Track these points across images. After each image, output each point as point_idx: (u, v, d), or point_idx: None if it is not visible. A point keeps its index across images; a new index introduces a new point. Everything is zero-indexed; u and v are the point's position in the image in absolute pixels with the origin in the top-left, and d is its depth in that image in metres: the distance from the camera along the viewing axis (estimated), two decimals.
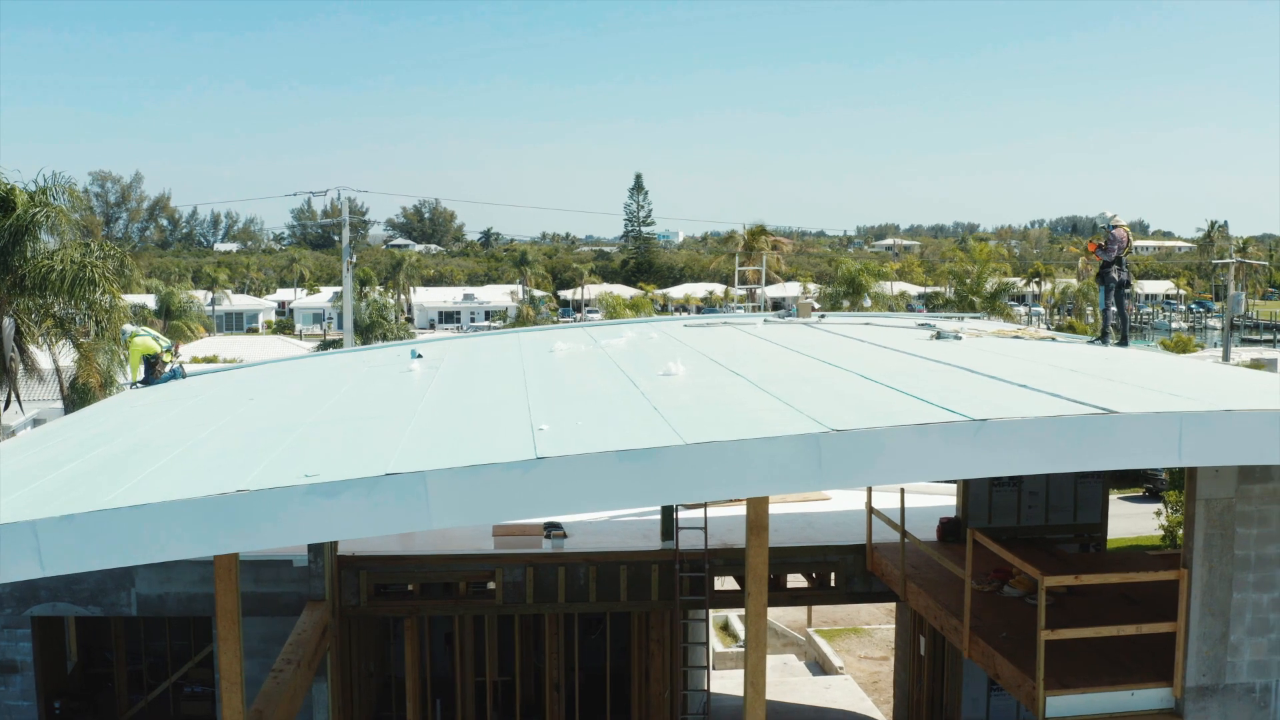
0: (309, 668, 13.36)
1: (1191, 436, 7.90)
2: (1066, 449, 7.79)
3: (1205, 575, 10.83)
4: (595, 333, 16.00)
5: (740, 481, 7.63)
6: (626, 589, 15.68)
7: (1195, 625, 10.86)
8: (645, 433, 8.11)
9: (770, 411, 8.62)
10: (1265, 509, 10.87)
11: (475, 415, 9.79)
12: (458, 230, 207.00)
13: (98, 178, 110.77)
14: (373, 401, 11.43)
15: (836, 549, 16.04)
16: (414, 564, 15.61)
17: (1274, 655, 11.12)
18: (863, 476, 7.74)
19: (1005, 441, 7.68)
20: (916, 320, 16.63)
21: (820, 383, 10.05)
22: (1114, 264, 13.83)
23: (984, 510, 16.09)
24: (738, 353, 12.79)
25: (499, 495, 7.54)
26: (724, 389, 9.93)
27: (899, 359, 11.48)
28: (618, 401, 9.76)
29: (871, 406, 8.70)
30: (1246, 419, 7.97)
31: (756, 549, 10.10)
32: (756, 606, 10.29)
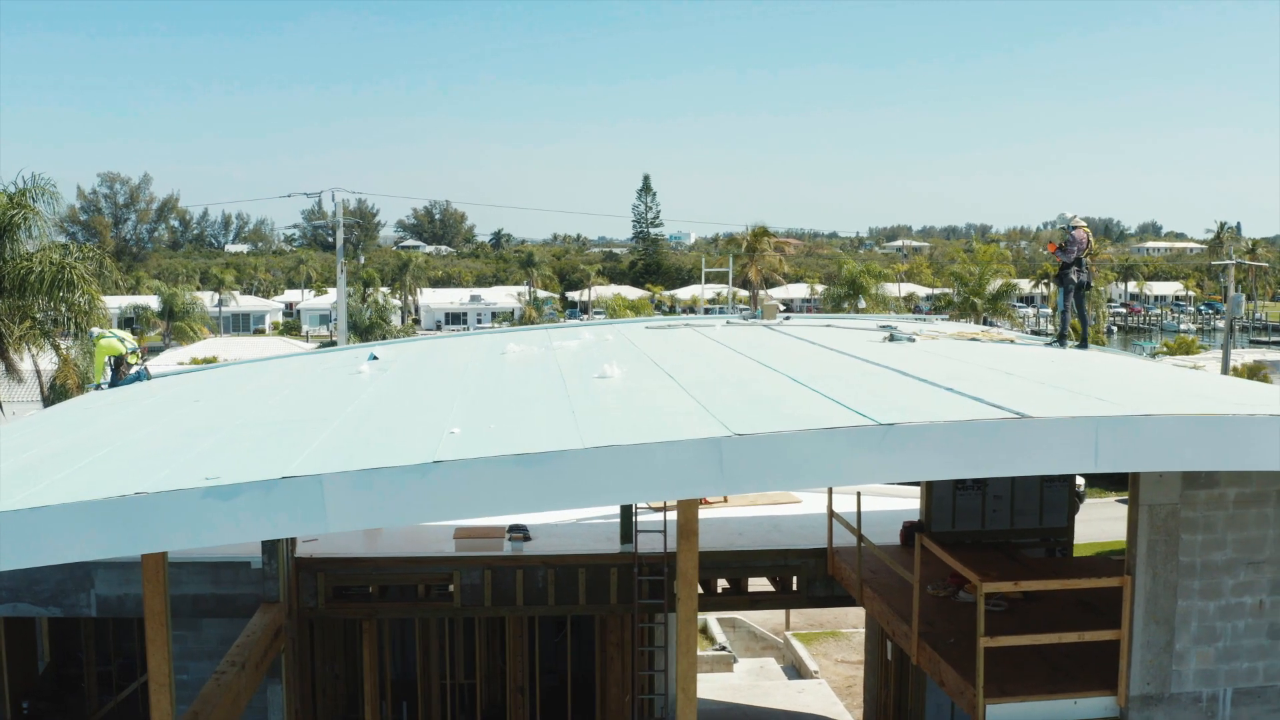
0: (257, 670, 13.30)
1: (1108, 441, 7.72)
2: (977, 454, 7.64)
3: (1149, 582, 10.63)
4: (555, 334, 15.90)
5: (641, 485, 7.51)
6: (585, 592, 15.57)
7: (1139, 633, 10.67)
8: (551, 436, 8.01)
9: (686, 415, 8.49)
10: (1210, 515, 10.67)
11: (398, 418, 9.70)
12: (468, 231, 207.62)
13: (106, 179, 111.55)
14: (307, 404, 11.36)
15: (798, 553, 15.88)
16: (372, 566, 15.55)
17: (1222, 664, 10.91)
18: (766, 481, 7.58)
19: (912, 446, 7.53)
20: (878, 323, 16.45)
21: (748, 386, 9.91)
22: (1073, 265, 13.61)
23: (948, 514, 15.89)
24: (682, 355, 12.67)
25: (396, 499, 7.45)
26: (651, 392, 9.80)
27: (838, 362, 11.33)
28: (541, 404, 9.66)
29: (789, 410, 8.56)
30: (1165, 423, 7.79)
31: (686, 553, 9.97)
32: (686, 612, 10.16)
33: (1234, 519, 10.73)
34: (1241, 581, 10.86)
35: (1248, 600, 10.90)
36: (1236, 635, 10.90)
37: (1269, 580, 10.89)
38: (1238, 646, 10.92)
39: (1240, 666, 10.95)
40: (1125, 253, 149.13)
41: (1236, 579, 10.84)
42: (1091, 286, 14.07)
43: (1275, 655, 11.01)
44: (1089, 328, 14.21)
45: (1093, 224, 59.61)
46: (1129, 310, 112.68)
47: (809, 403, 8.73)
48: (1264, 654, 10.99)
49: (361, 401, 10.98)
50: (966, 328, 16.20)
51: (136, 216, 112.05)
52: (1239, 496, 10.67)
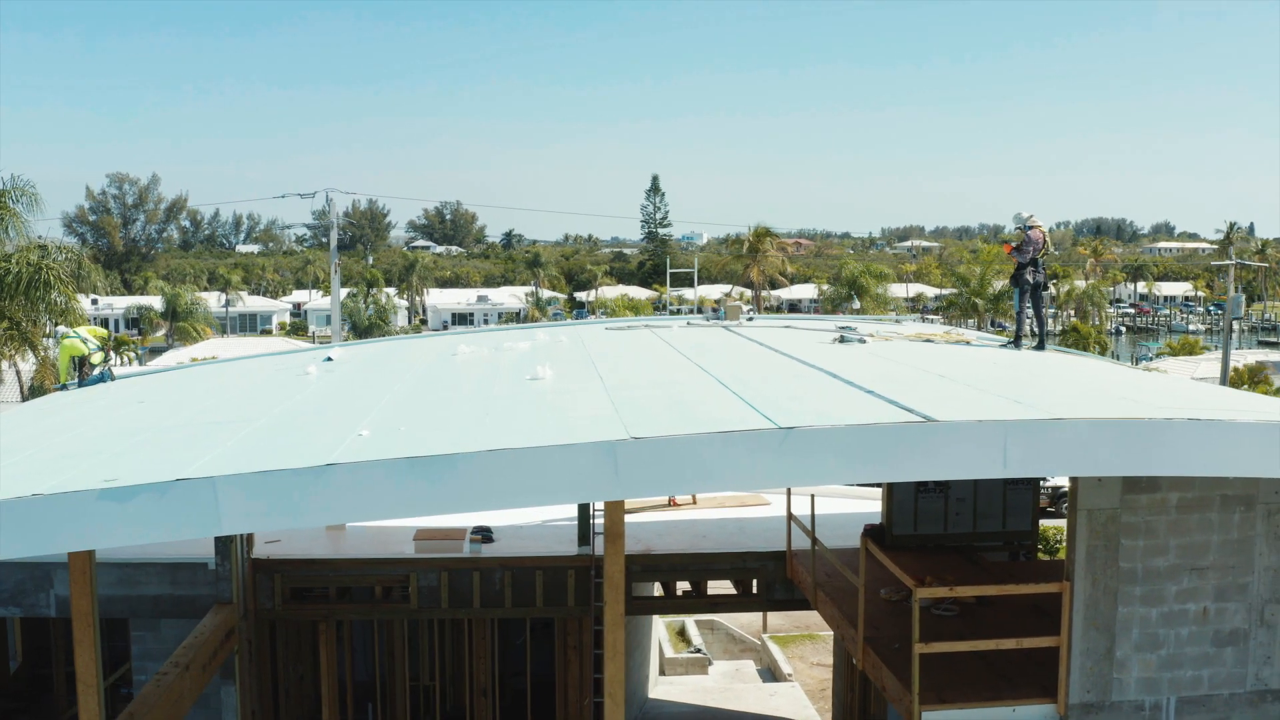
0: (204, 671, 13.27)
1: (1017, 446, 7.56)
2: (882, 458, 7.49)
3: (1088, 588, 10.43)
4: (513, 335, 15.81)
5: (535, 488, 7.40)
6: (542, 594, 15.47)
7: (1078, 640, 10.47)
8: (454, 438, 7.91)
9: (595, 418, 8.38)
10: (1152, 520, 10.46)
11: (320, 419, 9.63)
12: (479, 232, 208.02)
13: (115, 179, 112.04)
14: (241, 405, 11.31)
15: (757, 555, 15.73)
16: (328, 567, 15.50)
17: (1165, 672, 10.70)
18: (664, 485, 7.47)
19: (813, 450, 7.39)
20: (838, 323, 16.28)
21: (672, 388, 9.79)
22: (1029, 265, 13.41)
23: (909, 517, 15.70)
24: (624, 358, 12.55)
25: (289, 501, 7.38)
26: (574, 394, 9.69)
27: (776, 364, 11.18)
28: (462, 406, 9.57)
29: (703, 412, 8.43)
30: (1076, 427, 7.62)
31: (613, 556, 9.85)
32: (614, 615, 10.04)
33: (1177, 524, 10.52)
34: (1185, 588, 10.64)
35: (1191, 607, 10.69)
36: (1180, 643, 10.69)
37: (1213, 587, 10.68)
38: (1181, 654, 10.71)
39: (1184, 675, 10.74)
40: (1136, 253, 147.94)
41: (1180, 585, 10.63)
42: (1048, 287, 13.86)
43: (1221, 663, 10.80)
44: (1045, 328, 13.99)
45: (1105, 224, 59.43)
46: (1138, 311, 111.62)
47: (725, 405, 8.60)
48: (1209, 662, 10.77)
49: (293, 403, 10.92)
50: (928, 329, 16.01)
51: (145, 217, 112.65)
52: (1181, 501, 10.46)
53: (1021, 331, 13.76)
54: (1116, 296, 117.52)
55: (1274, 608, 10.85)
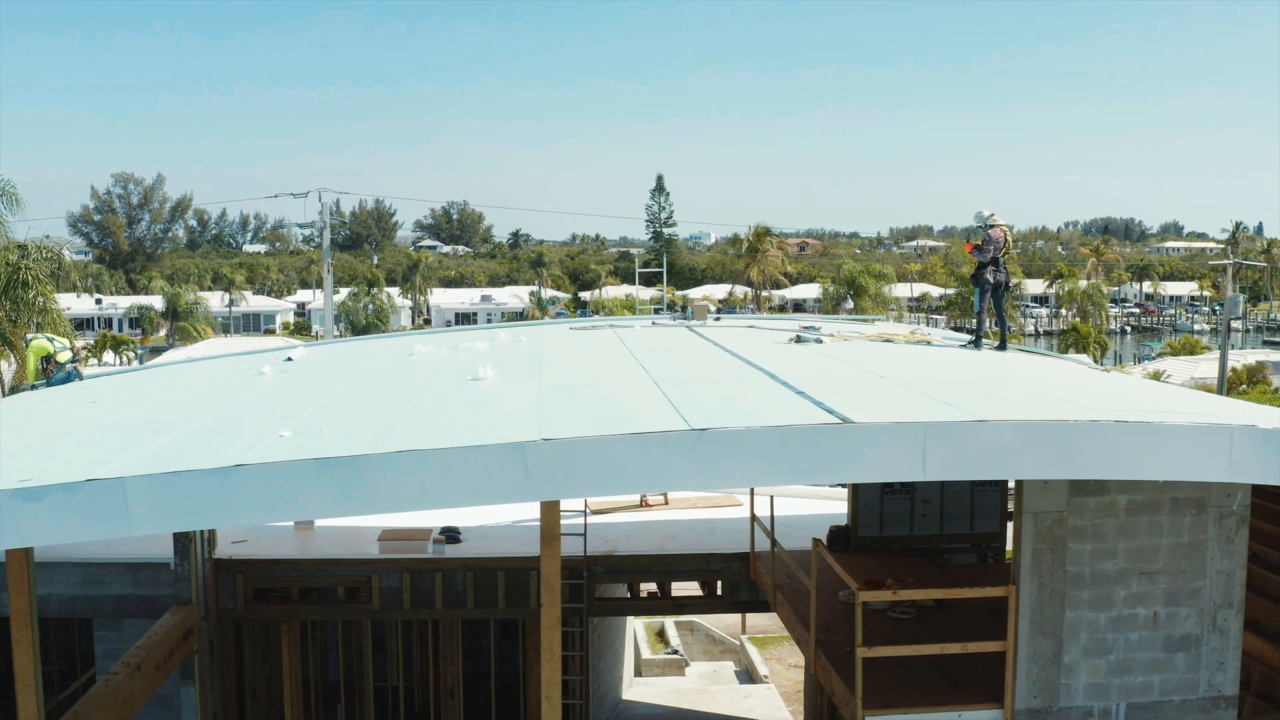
0: (157, 671, 13.22)
1: (937, 448, 7.42)
2: (797, 461, 7.36)
3: (1034, 592, 10.28)
4: (473, 335, 15.72)
5: (444, 491, 7.31)
6: (504, 595, 15.39)
7: (1024, 644, 10.32)
8: (371, 440, 7.83)
9: (518, 419, 8.30)
10: (1100, 523, 10.30)
11: (251, 419, 9.56)
12: (486, 232, 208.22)
13: (120, 179, 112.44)
14: (184, 405, 11.25)
15: (721, 557, 15.61)
16: (290, 568, 15.46)
17: (1114, 678, 10.54)
18: (575, 487, 7.36)
19: (727, 453, 7.28)
20: (801, 323, 16.14)
21: (607, 388, 9.68)
22: (990, 265, 13.25)
23: (874, 518, 15.57)
24: (574, 358, 12.46)
25: (198, 501, 7.31)
26: (504, 395, 9.60)
27: (721, 365, 11.06)
28: (394, 407, 9.49)
29: (626, 414, 8.33)
30: (998, 430, 7.47)
31: (548, 558, 9.74)
32: (550, 618, 9.93)
33: (1125, 527, 10.35)
34: (1134, 592, 10.48)
35: (1141, 612, 10.52)
36: (1130, 648, 10.52)
37: (1164, 591, 10.51)
38: (1131, 659, 10.54)
39: (1134, 680, 10.57)
40: (1143, 253, 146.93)
41: (1129, 589, 10.46)
42: (1010, 287, 13.69)
43: (1172, 669, 10.63)
44: (1007, 328, 13.83)
45: (1113, 224, 59.12)
46: (1143, 310, 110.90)
47: (650, 406, 8.49)
48: (1159, 667, 10.60)
49: (235, 403, 10.85)
50: (892, 329, 15.85)
51: (150, 216, 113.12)
52: (1130, 504, 10.30)
53: (981, 332, 13.61)
54: (1122, 296, 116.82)
55: (1227, 613, 10.68)
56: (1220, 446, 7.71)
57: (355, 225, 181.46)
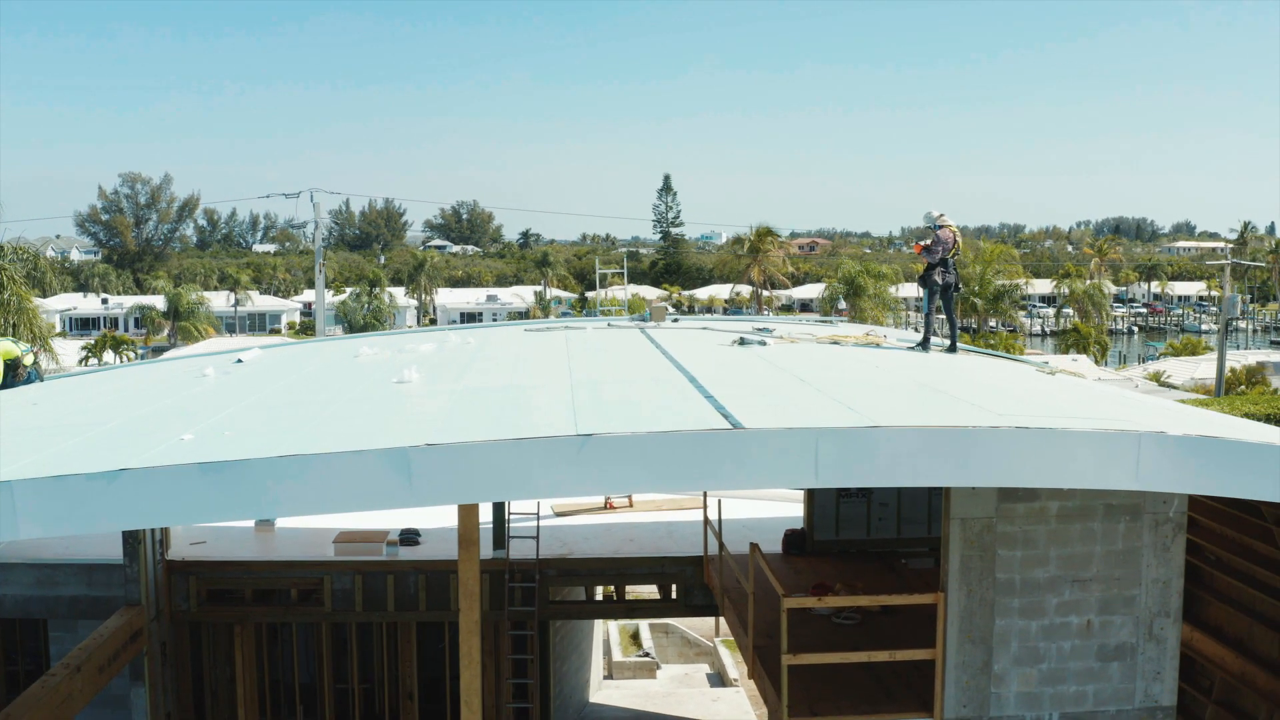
0: (100, 673, 13.20)
1: (829, 454, 7.27)
2: (687, 467, 7.23)
3: (963, 600, 10.12)
4: (421, 337, 15.63)
5: (327, 496, 7.22)
6: (456, 598, 15.28)
7: (953, 653, 10.16)
8: (265, 443, 7.75)
9: (419, 421, 8.19)
10: (1030, 530, 10.13)
11: (164, 422, 9.49)
12: (495, 231, 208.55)
13: (128, 179, 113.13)
14: (113, 408, 11.21)
15: (675, 560, 15.48)
16: (243, 569, 15.42)
17: (1046, 687, 10.36)
18: (460, 493, 7.27)
19: (611, 458, 7.16)
20: (755, 324, 15.98)
21: (523, 392, 9.57)
22: (939, 265, 13.07)
23: (830, 522, 15.41)
24: (510, 360, 12.35)
25: (84, 505, 7.24)
26: (422, 398, 9.50)
27: (649, 367, 10.92)
28: (306, 410, 9.41)
29: (528, 419, 8.22)
30: (892, 435, 7.32)
31: (466, 563, 9.66)
32: (468, 623, 9.83)
33: (1057, 534, 10.17)
34: (1067, 600, 10.30)
35: (1074, 620, 10.34)
36: (1063, 657, 10.34)
37: (1098, 599, 10.32)
38: (1064, 669, 10.36)
39: (1068, 690, 10.39)
40: (1154, 253, 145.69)
41: (1061, 597, 10.28)
42: (960, 288, 13.50)
43: (1107, 679, 10.44)
44: (957, 329, 13.63)
45: (1125, 223, 58.80)
46: (1150, 310, 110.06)
47: (552, 410, 8.39)
48: (1094, 677, 10.42)
49: (161, 405, 10.80)
50: (848, 330, 15.66)
51: (158, 216, 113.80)
52: (1062, 510, 10.12)
53: (929, 334, 13.43)
54: (1130, 296, 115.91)
55: (1164, 622, 10.49)
56: (1126, 454, 7.53)
57: (365, 225, 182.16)
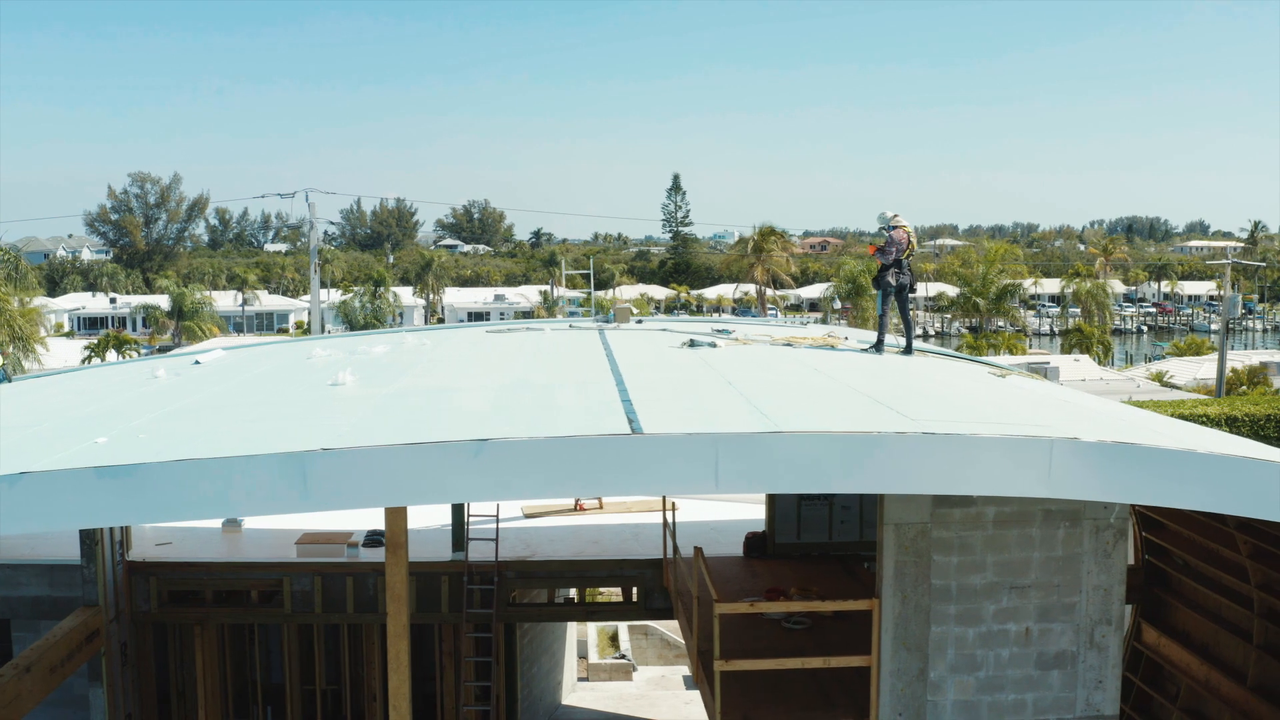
0: (52, 673, 13.21)
1: (729, 460, 7.17)
2: (584, 472, 7.15)
3: (898, 606, 9.99)
4: (378, 339, 15.58)
5: (224, 500, 7.17)
6: (415, 600, 15.24)
7: (888, 660, 10.03)
8: (171, 446, 7.71)
9: (328, 425, 8.14)
10: (967, 535, 9.99)
11: (89, 425, 9.47)
12: (507, 231, 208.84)
13: (137, 179, 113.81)
14: (52, 410, 11.21)
15: (635, 563, 15.39)
16: (203, 570, 15.43)
17: (984, 695, 10.21)
18: (356, 498, 7.19)
19: (509, 464, 7.08)
20: (714, 326, 15.86)
21: (450, 395, 9.51)
22: (893, 267, 12.93)
23: (792, 525, 15.29)
24: (453, 362, 12.30)
25: None
26: (349, 401, 9.43)
27: (585, 370, 10.83)
28: (231, 413, 9.38)
29: (444, 423, 8.16)
30: (795, 441, 7.20)
31: (394, 566, 9.60)
32: (396, 627, 9.77)
33: (993, 540, 10.03)
34: (1005, 607, 10.15)
35: (1013, 627, 10.19)
36: (1001, 664, 10.20)
37: (1036, 606, 10.17)
38: (1002, 677, 10.21)
39: (1006, 698, 10.24)
40: (1166, 252, 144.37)
41: (999, 604, 10.14)
42: (915, 289, 13.35)
43: (1046, 687, 10.28)
44: (912, 332, 13.47)
45: (1138, 223, 58.16)
46: (1160, 310, 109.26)
47: (466, 415, 8.32)
48: (1033, 685, 10.26)
49: (99, 407, 10.79)
50: (809, 331, 15.52)
51: (167, 216, 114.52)
52: (999, 515, 9.98)
53: (883, 336, 13.28)
54: (1140, 296, 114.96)
55: (1105, 629, 10.32)
56: (1037, 460, 7.39)
57: (376, 224, 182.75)
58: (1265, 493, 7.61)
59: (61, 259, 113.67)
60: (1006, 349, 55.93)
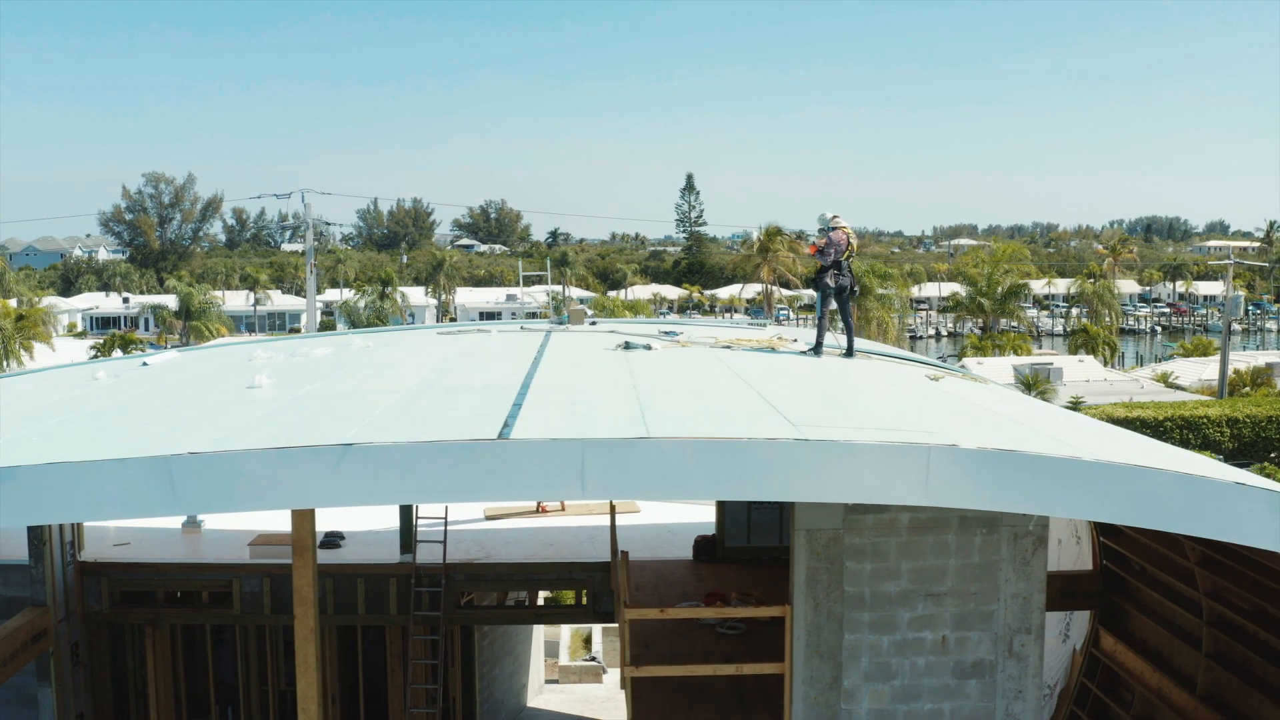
0: None
1: (596, 467, 7.08)
2: (448, 479, 7.08)
3: (809, 613, 9.87)
4: (318, 342, 15.55)
5: (89, 503, 7.17)
6: (364, 602, 15.25)
7: (800, 667, 9.92)
8: (44, 450, 7.71)
9: (213, 428, 8.12)
10: (880, 542, 9.85)
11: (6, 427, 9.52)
12: (524, 230, 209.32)
13: (151, 179, 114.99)
14: None
15: (583, 566, 15.30)
16: (153, 571, 15.47)
17: (900, 704, 10.08)
18: (222, 502, 7.18)
19: (372, 469, 7.02)
20: (659, 327, 15.75)
21: (355, 398, 9.48)
22: (832, 268, 12.78)
23: (742, 529, 15.16)
24: (385, 364, 12.27)
25: None
26: (252, 403, 9.43)
27: (505, 373, 10.73)
28: (138, 415, 9.40)
29: (327, 426, 8.11)
30: (660, 448, 7.10)
31: (300, 569, 9.58)
32: (304, 630, 9.76)
33: (908, 546, 9.89)
34: (920, 615, 10.01)
35: (929, 635, 10.04)
36: (917, 673, 10.05)
37: (953, 614, 10.02)
38: (918, 685, 10.07)
39: (922, 708, 10.10)
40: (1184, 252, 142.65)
41: (915, 612, 10.00)
42: (856, 291, 13.19)
43: (964, 696, 10.13)
44: (853, 334, 13.31)
45: (1157, 223, 57.55)
46: (1174, 310, 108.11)
47: (355, 418, 8.27)
48: (950, 694, 10.11)
49: (23, 409, 10.85)
50: (753, 334, 15.36)
51: (181, 216, 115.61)
52: (913, 522, 9.84)
53: (822, 338, 13.13)
54: (1155, 296, 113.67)
55: (1024, 638, 10.15)
56: (915, 467, 7.24)
57: (393, 224, 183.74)
58: (1154, 501, 7.43)
59: (77, 259, 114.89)
60: (1012, 349, 55.42)
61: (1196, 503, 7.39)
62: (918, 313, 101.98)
